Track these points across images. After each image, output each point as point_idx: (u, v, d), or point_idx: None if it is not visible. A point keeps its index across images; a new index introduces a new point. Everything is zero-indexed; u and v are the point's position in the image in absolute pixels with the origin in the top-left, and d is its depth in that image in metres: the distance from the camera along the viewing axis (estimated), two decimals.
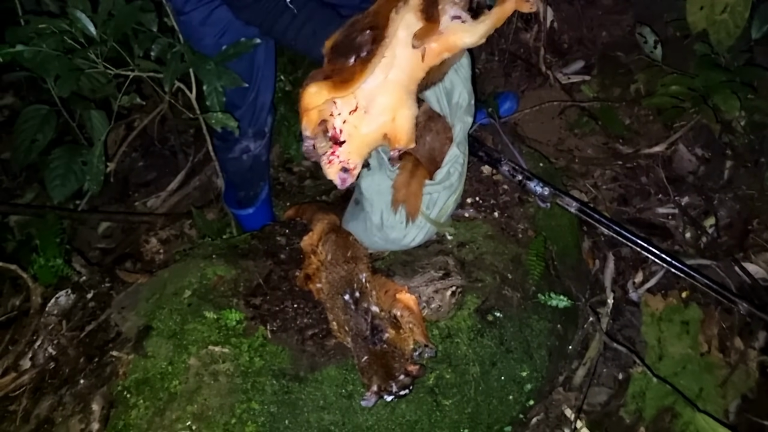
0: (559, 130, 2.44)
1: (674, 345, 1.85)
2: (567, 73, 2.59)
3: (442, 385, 1.50)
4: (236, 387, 1.43)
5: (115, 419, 1.41)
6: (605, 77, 2.53)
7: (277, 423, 1.41)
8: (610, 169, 2.31)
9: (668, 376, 1.78)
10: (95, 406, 1.43)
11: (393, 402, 1.43)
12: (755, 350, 1.85)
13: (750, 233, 2.08)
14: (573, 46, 2.69)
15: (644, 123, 2.39)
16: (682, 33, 2.36)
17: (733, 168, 2.20)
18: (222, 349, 1.47)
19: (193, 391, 1.42)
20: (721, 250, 2.04)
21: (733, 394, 1.78)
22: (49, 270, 1.76)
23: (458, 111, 1.62)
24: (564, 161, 2.33)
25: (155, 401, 1.41)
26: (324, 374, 1.47)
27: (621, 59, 2.54)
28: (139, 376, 1.45)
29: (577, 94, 2.52)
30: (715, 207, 2.15)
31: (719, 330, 1.89)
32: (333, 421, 1.43)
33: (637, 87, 2.39)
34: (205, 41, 1.66)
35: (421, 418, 1.47)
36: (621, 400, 1.81)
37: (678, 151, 2.28)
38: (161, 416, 1.39)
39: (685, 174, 2.25)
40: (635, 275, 2.05)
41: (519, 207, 1.83)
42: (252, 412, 1.41)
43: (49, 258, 1.78)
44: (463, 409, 1.50)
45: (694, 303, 1.92)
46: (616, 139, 2.37)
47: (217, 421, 1.39)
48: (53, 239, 1.84)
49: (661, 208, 2.19)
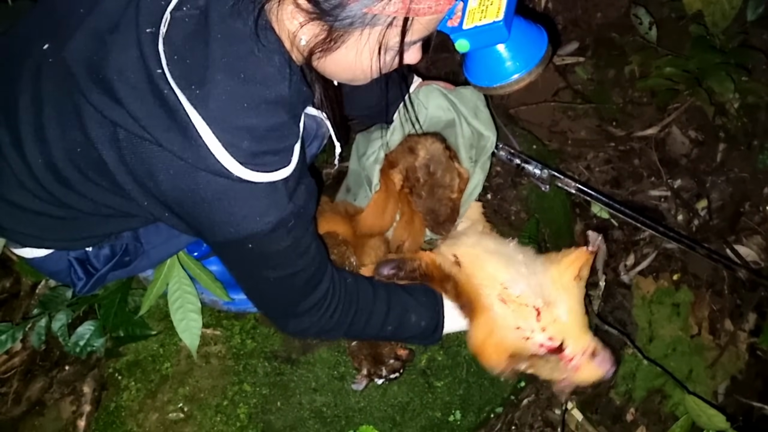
0: (552, 112, 2.42)
1: (665, 327, 1.86)
2: (561, 54, 2.57)
3: (434, 366, 1.51)
4: (228, 369, 1.43)
5: (106, 401, 1.41)
6: (600, 59, 2.51)
7: (269, 405, 1.42)
8: (603, 152, 2.30)
9: (659, 358, 1.79)
10: (86, 389, 1.43)
11: (384, 384, 1.43)
12: (745, 332, 1.86)
13: (742, 216, 2.09)
14: (567, 27, 2.66)
15: (638, 105, 2.37)
16: (678, 14, 2.34)
17: (726, 150, 2.20)
18: (214, 331, 1.47)
19: (185, 373, 1.42)
20: (712, 232, 2.04)
21: (722, 376, 1.80)
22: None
23: (483, 156, 1.55)
24: (557, 143, 2.32)
25: (147, 383, 1.41)
26: (316, 356, 1.47)
27: (616, 41, 2.53)
28: (131, 358, 1.45)
29: (571, 76, 2.50)
30: (707, 190, 2.15)
31: (710, 312, 1.90)
32: (325, 402, 1.43)
33: (632, 69, 2.38)
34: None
35: (413, 400, 1.47)
36: (611, 382, 1.82)
37: (671, 134, 2.27)
38: (153, 398, 1.40)
39: (678, 156, 2.24)
40: (627, 258, 2.06)
41: (512, 189, 1.82)
42: (244, 394, 1.41)
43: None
44: (455, 391, 1.51)
45: (685, 286, 1.93)
46: (609, 122, 2.36)
47: (209, 403, 1.39)
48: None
49: (653, 191, 2.19)
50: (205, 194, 0.90)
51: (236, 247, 0.99)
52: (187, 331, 1.38)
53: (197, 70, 0.85)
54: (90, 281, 1.23)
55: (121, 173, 0.94)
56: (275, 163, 0.91)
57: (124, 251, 1.24)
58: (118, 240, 1.24)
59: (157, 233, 1.28)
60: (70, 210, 1.06)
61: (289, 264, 1.05)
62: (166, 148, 0.87)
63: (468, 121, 1.51)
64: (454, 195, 1.49)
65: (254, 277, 1.08)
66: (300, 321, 1.15)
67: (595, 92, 2.41)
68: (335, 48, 0.92)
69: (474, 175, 1.53)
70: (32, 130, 0.98)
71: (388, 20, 0.88)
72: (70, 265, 1.22)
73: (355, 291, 1.20)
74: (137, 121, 0.86)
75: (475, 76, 1.19)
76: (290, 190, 0.95)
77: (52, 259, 1.22)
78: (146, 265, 1.33)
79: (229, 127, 0.86)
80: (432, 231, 1.51)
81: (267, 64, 0.89)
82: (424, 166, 1.46)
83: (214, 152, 0.86)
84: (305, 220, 1.03)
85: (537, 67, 1.15)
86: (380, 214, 1.48)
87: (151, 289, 1.41)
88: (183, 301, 1.40)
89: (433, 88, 1.49)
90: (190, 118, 0.84)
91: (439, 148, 1.46)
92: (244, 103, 0.86)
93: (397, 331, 1.26)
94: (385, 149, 1.48)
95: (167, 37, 0.86)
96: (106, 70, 0.87)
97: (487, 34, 1.07)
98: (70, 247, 1.21)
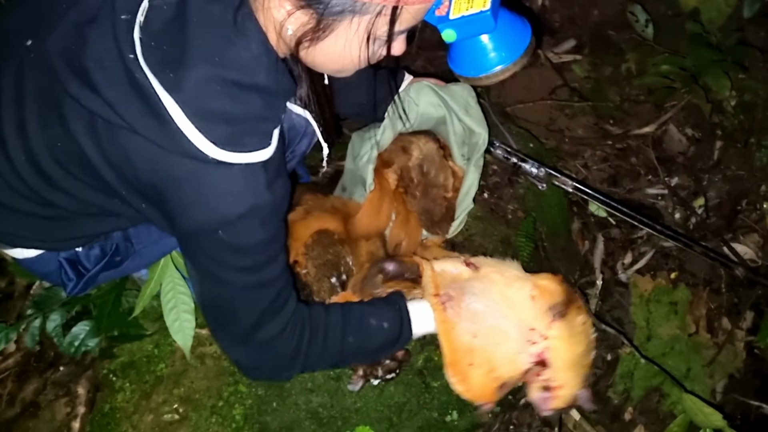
0: (549, 110, 2.42)
1: (663, 326, 1.86)
2: (558, 52, 2.57)
3: (430, 367, 1.50)
4: (223, 369, 1.42)
5: (101, 402, 1.40)
6: (597, 56, 2.50)
7: (264, 405, 1.41)
8: (601, 150, 2.29)
9: (656, 357, 1.79)
10: (81, 390, 1.42)
11: (381, 385, 1.43)
12: (743, 330, 1.86)
13: (739, 213, 2.08)
14: (564, 25, 2.66)
15: (635, 103, 2.37)
16: (674, 11, 2.34)
17: (723, 148, 2.20)
18: (209, 331, 1.46)
19: (180, 373, 1.41)
20: (710, 230, 2.04)
21: (720, 374, 1.79)
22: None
23: (476, 153, 1.53)
24: (554, 141, 2.31)
25: (141, 384, 1.40)
26: None
27: (613, 38, 2.52)
28: (125, 359, 1.44)
29: (568, 74, 2.50)
30: (704, 187, 2.15)
31: (707, 311, 1.90)
32: (321, 403, 1.43)
33: (628, 66, 2.38)
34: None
35: (410, 400, 1.47)
36: (609, 381, 1.82)
37: (668, 132, 2.27)
38: (147, 399, 1.39)
39: (675, 154, 2.24)
40: (624, 256, 2.06)
41: (508, 188, 1.81)
42: (239, 395, 1.40)
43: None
44: (452, 391, 1.50)
45: (682, 284, 1.93)
46: (606, 120, 2.36)
47: (204, 403, 1.38)
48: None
49: (650, 189, 2.19)
50: (179, 176, 0.90)
51: (207, 237, 0.95)
52: (180, 331, 1.37)
53: (173, 55, 0.85)
54: (81, 282, 1.22)
55: (100, 163, 0.93)
56: (254, 144, 0.91)
57: (115, 251, 1.23)
58: (108, 240, 1.23)
59: (148, 233, 1.27)
60: (56, 209, 1.06)
61: (258, 268, 1.01)
62: (140, 133, 0.87)
63: (459, 117, 1.50)
64: (449, 194, 1.48)
65: (221, 280, 1.02)
66: (261, 350, 1.09)
67: (592, 90, 2.41)
68: (324, 37, 0.92)
69: (468, 174, 1.53)
70: (14, 127, 0.97)
71: (378, 9, 0.88)
72: (61, 266, 1.21)
73: (307, 312, 1.15)
74: (112, 108, 0.86)
75: (460, 67, 1.21)
76: (269, 178, 0.94)
77: (42, 260, 1.21)
78: (138, 265, 1.32)
79: (203, 110, 0.86)
80: (428, 231, 1.51)
81: (243, 50, 0.89)
82: (417, 166, 1.45)
83: (188, 135, 0.85)
84: (279, 220, 1.01)
85: (521, 58, 1.16)
86: (375, 214, 1.47)
87: (145, 290, 1.40)
88: (176, 302, 1.39)
89: (423, 85, 1.49)
90: (163, 103, 0.84)
91: (432, 147, 1.45)
92: (217, 86, 0.86)
93: (361, 341, 1.19)
94: (377, 148, 1.48)
95: (145, 24, 0.86)
96: (83, 60, 0.87)
97: (473, 24, 1.08)
98: (59, 247, 1.20)
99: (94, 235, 1.20)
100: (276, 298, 1.06)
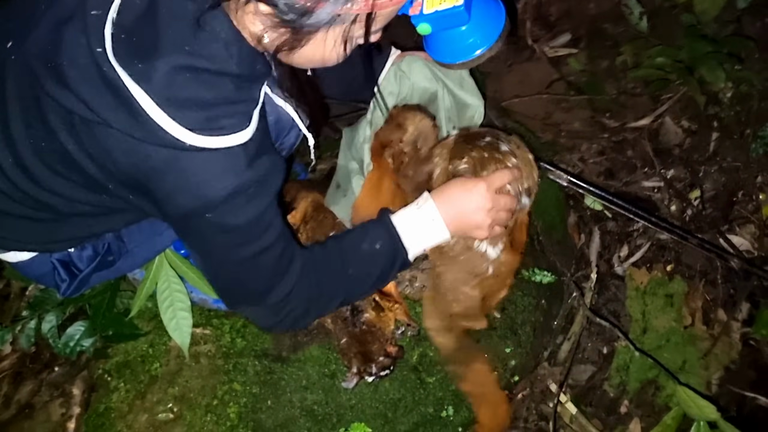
0: (546, 104, 2.41)
1: (658, 318, 1.86)
2: (554, 46, 2.56)
3: (425, 362, 1.50)
4: (218, 368, 1.42)
5: (96, 402, 1.41)
6: (592, 50, 2.49)
7: (259, 404, 1.41)
8: (597, 143, 2.29)
9: (652, 350, 1.79)
10: (76, 390, 1.43)
11: (375, 381, 1.43)
12: (738, 322, 1.85)
13: (735, 205, 2.08)
14: (560, 19, 2.65)
15: (631, 95, 2.36)
16: (669, 3, 2.33)
17: (719, 140, 2.19)
18: (203, 330, 1.47)
19: (175, 373, 1.42)
20: (706, 222, 2.03)
21: (715, 366, 1.79)
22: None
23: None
24: (551, 135, 2.31)
25: (136, 384, 1.41)
26: (307, 354, 1.46)
27: (608, 31, 2.51)
28: (120, 359, 1.45)
29: (564, 68, 2.49)
30: (700, 179, 2.14)
31: (703, 303, 1.89)
32: (316, 400, 1.43)
33: (624, 59, 2.37)
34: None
35: (404, 396, 1.47)
36: (605, 374, 1.82)
37: (664, 124, 2.26)
38: (142, 399, 1.39)
39: (671, 147, 2.23)
40: (620, 249, 2.05)
41: None
42: (234, 393, 1.40)
43: None
44: (447, 386, 1.51)
45: (678, 276, 1.93)
46: (602, 113, 2.35)
47: (199, 402, 1.39)
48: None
49: (647, 182, 2.18)
50: (158, 166, 0.90)
51: (197, 220, 0.96)
52: (177, 329, 1.38)
53: (143, 47, 0.85)
54: (74, 282, 1.22)
55: (83, 160, 0.94)
56: (233, 126, 0.91)
57: (107, 251, 1.24)
58: (100, 240, 1.23)
59: (139, 231, 1.27)
60: (47, 211, 1.06)
61: (254, 239, 1.02)
62: (115, 127, 0.87)
63: (453, 91, 1.49)
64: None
65: (221, 257, 1.05)
66: (277, 310, 1.13)
67: (588, 83, 2.40)
68: (301, 46, 0.94)
69: None
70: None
71: (352, 17, 0.90)
72: (54, 267, 1.21)
73: (311, 260, 1.16)
74: (86, 104, 0.87)
75: (437, 54, 1.22)
76: (250, 156, 0.94)
77: (35, 262, 1.22)
78: (131, 264, 1.32)
79: (174, 98, 0.86)
80: None
81: (213, 40, 0.89)
82: (412, 142, 1.44)
83: (162, 124, 0.86)
84: (267, 192, 1.01)
85: (497, 42, 1.17)
86: (376, 194, 1.46)
87: (140, 289, 1.40)
88: (173, 300, 1.39)
89: (415, 58, 1.47)
90: (132, 94, 0.84)
91: (428, 124, 1.44)
92: (186, 74, 0.86)
93: (360, 270, 1.21)
94: (372, 127, 1.47)
95: (118, 19, 0.87)
96: (58, 59, 0.87)
97: (447, 19, 1.10)
98: (52, 249, 1.20)
99: (86, 236, 1.20)
100: (279, 260, 1.08)
